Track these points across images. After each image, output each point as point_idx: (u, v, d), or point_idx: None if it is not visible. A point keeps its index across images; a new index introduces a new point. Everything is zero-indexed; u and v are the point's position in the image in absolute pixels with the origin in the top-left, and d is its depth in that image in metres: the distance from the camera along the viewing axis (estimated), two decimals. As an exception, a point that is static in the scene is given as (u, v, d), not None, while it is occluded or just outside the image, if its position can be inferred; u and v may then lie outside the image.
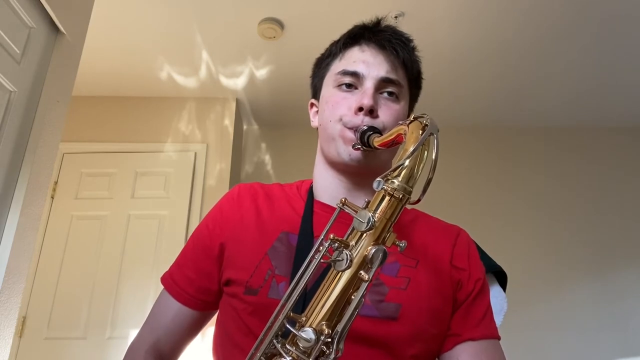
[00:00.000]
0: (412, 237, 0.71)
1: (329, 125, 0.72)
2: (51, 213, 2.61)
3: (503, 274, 0.98)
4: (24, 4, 1.34)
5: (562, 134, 3.22)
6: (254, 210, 0.73)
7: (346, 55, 0.75)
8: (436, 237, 0.72)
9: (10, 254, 1.25)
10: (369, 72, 0.71)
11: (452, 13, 2.22)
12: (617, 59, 2.54)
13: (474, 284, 0.69)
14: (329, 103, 0.73)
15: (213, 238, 0.73)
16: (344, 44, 0.76)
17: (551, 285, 2.82)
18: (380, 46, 0.73)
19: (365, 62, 0.72)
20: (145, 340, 0.72)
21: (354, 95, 0.71)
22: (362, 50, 0.74)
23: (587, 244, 2.92)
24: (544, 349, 2.67)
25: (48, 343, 2.37)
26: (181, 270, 0.75)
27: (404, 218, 0.74)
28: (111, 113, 2.90)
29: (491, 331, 0.68)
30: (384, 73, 0.71)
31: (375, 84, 0.70)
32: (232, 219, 0.73)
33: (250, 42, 2.44)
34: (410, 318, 0.62)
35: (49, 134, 1.44)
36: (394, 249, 0.63)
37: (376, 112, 0.69)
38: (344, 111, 0.70)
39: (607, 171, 3.11)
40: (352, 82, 0.72)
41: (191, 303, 0.72)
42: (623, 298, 2.80)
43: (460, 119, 3.19)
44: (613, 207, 3.02)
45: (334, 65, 0.76)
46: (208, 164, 2.78)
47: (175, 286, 0.73)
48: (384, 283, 0.64)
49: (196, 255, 0.74)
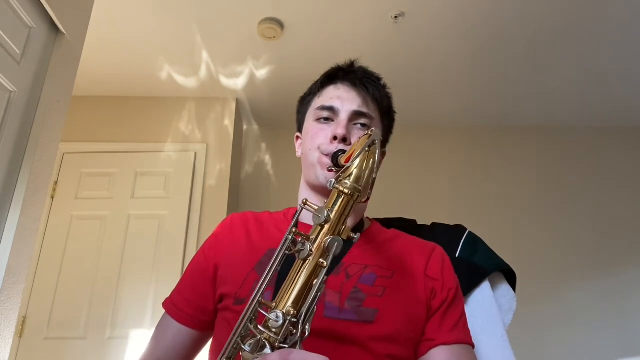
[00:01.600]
0: (390, 251, 0.80)
1: (309, 154, 0.82)
2: (51, 213, 2.61)
3: (512, 273, 0.98)
4: (24, 4, 1.34)
5: (562, 134, 3.22)
6: (245, 233, 0.82)
7: (323, 93, 0.86)
8: (412, 252, 0.80)
9: (10, 254, 1.25)
10: (343, 106, 0.81)
11: (452, 12, 2.22)
12: (618, 59, 2.54)
13: (447, 292, 0.75)
14: (309, 134, 0.84)
15: (208, 261, 0.81)
16: (322, 83, 0.87)
17: (552, 284, 2.82)
18: (352, 84, 0.84)
19: (340, 97, 0.83)
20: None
21: (331, 126, 0.81)
22: (337, 88, 0.85)
23: (589, 243, 2.92)
24: (545, 348, 2.67)
25: (48, 343, 2.37)
26: (180, 294, 0.82)
27: (384, 235, 0.84)
28: (111, 113, 2.90)
29: (464, 337, 0.73)
30: (356, 107, 0.81)
31: (349, 115, 0.80)
32: (225, 242, 0.82)
33: (250, 42, 2.44)
34: (386, 321, 0.68)
35: (49, 134, 1.44)
36: (377, 270, 0.74)
37: (349, 140, 0.78)
38: (321, 140, 0.80)
39: (610, 170, 3.12)
40: (329, 115, 0.82)
41: (190, 322, 0.78)
42: (625, 297, 2.81)
43: (460, 119, 3.19)
44: (615, 206, 3.02)
45: (314, 102, 0.87)
46: (208, 164, 2.78)
47: (175, 309, 0.80)
48: (362, 291, 0.71)
49: (194, 279, 0.81)
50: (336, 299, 0.69)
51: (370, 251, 0.79)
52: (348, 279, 0.72)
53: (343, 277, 0.73)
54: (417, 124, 3.20)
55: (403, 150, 3.06)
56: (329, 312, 0.68)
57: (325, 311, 0.68)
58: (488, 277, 0.94)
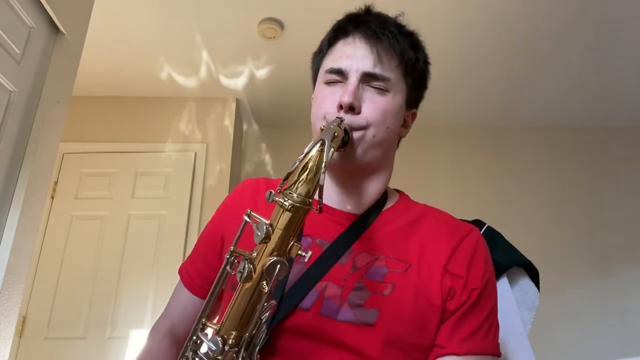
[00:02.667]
0: (411, 238, 0.69)
1: (315, 122, 0.71)
2: (51, 213, 2.61)
3: (534, 268, 0.92)
4: (24, 4, 1.34)
5: (563, 134, 3.22)
6: (253, 204, 0.75)
7: (332, 51, 0.73)
8: (439, 237, 0.68)
9: (10, 254, 1.25)
10: (352, 66, 0.69)
11: (452, 11, 2.22)
12: (618, 60, 2.54)
13: (468, 293, 0.63)
14: (316, 99, 0.73)
15: (216, 231, 0.77)
16: (330, 38, 0.74)
17: (552, 284, 2.82)
18: (365, 37, 0.70)
19: (349, 56, 0.70)
20: (162, 325, 0.76)
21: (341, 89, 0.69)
22: (347, 43, 0.71)
23: (589, 243, 2.92)
24: (545, 348, 2.66)
25: (48, 343, 2.37)
26: (193, 263, 0.79)
27: (410, 216, 0.72)
28: (111, 113, 2.90)
29: (483, 347, 0.62)
30: (367, 67, 0.68)
31: (359, 77, 0.68)
32: (233, 213, 0.76)
33: (250, 42, 2.44)
34: (387, 325, 0.60)
35: (49, 134, 1.44)
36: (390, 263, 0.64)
37: (358, 108, 0.67)
38: (327, 108, 0.69)
39: (610, 170, 3.12)
40: (338, 78, 0.70)
41: (200, 292, 0.76)
42: (626, 297, 2.80)
43: (460, 120, 3.19)
44: (615, 206, 3.02)
45: (324, 62, 0.75)
46: (208, 164, 2.78)
47: (187, 277, 0.78)
48: (366, 287, 0.62)
49: (204, 248, 0.79)
50: (337, 294, 0.62)
51: (387, 238, 0.68)
52: (354, 271, 0.64)
53: (349, 268, 0.64)
54: (416, 124, 3.19)
55: (401, 150, 3.05)
56: (325, 311, 0.61)
57: (323, 309, 0.61)
58: (507, 273, 0.87)
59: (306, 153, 0.54)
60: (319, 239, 0.68)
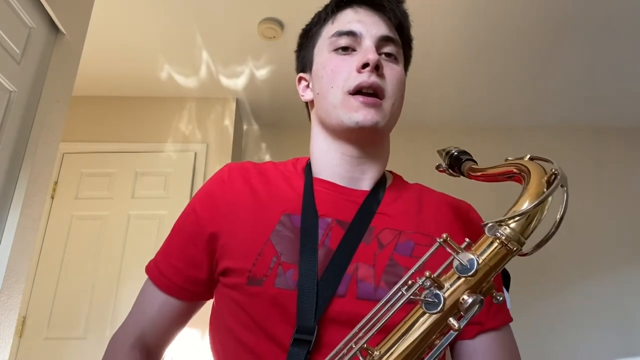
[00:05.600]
0: (422, 212, 0.67)
1: (329, 93, 0.66)
2: (51, 213, 2.61)
3: (506, 274, 0.96)
4: (24, 4, 1.34)
5: (563, 134, 3.22)
6: (248, 191, 0.67)
7: (338, 18, 0.70)
8: (446, 213, 0.68)
9: (10, 254, 1.26)
10: (367, 30, 0.66)
11: (453, 12, 2.22)
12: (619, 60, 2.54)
13: None
14: (327, 68, 0.67)
15: (202, 224, 0.66)
16: (336, 6, 0.71)
17: (552, 284, 2.82)
18: (374, 7, 0.68)
19: (360, 21, 0.67)
20: (130, 334, 0.68)
21: (353, 57, 0.66)
22: (356, 11, 0.69)
23: (589, 243, 2.92)
24: (545, 348, 2.67)
25: (48, 343, 2.37)
26: (167, 259, 0.68)
27: (411, 192, 0.71)
28: (111, 113, 2.89)
29: (509, 316, 0.65)
30: (384, 31, 0.66)
31: (375, 42, 0.65)
32: (223, 204, 0.66)
33: (250, 42, 2.44)
34: None
35: (49, 134, 1.44)
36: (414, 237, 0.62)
37: (382, 69, 0.64)
38: (345, 75, 0.65)
39: (610, 170, 3.12)
40: (349, 43, 0.66)
41: (179, 294, 0.67)
42: (626, 297, 2.80)
43: (460, 119, 3.19)
44: (616, 205, 3.02)
45: (326, 30, 0.71)
46: (208, 164, 2.78)
47: (161, 276, 0.68)
48: (399, 263, 0.59)
49: (183, 242, 0.67)
50: (370, 274, 0.58)
51: (401, 213, 0.66)
52: (382, 249, 0.61)
53: (375, 246, 0.61)
54: (415, 124, 3.19)
55: (398, 150, 3.05)
56: (362, 293, 0.57)
57: (359, 292, 0.57)
58: None
59: (543, 197, 0.49)
60: (337, 219, 0.64)
